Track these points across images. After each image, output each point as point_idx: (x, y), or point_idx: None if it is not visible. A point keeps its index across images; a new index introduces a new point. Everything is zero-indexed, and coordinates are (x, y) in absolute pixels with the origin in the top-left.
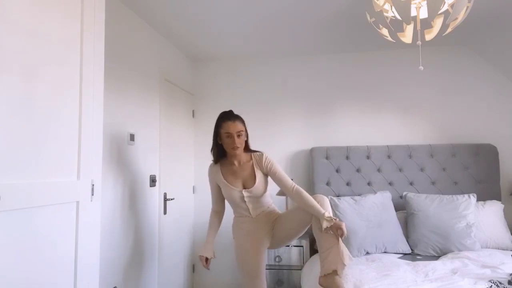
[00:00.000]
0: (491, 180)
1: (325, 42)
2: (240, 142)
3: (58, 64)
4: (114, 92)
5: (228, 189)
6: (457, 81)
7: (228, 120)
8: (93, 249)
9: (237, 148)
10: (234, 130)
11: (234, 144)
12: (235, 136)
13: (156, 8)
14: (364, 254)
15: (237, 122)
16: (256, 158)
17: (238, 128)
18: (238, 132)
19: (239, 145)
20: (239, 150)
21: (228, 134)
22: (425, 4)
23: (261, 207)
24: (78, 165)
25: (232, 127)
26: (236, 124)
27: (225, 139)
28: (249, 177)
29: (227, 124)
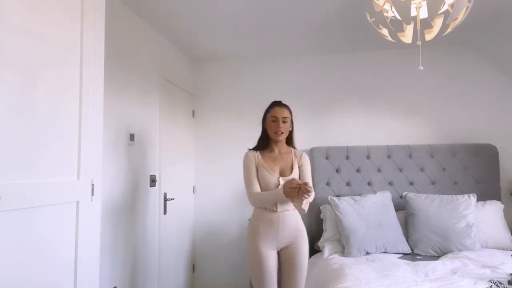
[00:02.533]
0: (491, 180)
1: (325, 42)
2: (284, 128)
3: (58, 65)
4: (114, 92)
5: (266, 173)
6: (457, 81)
7: (276, 106)
8: (93, 249)
9: (280, 133)
10: (280, 115)
11: (278, 128)
12: (280, 121)
13: (156, 8)
14: (364, 254)
15: (284, 108)
16: (295, 152)
17: (284, 114)
18: (283, 117)
19: (283, 131)
20: (282, 136)
21: (274, 118)
22: (425, 4)
23: (288, 204)
24: (78, 165)
25: (279, 112)
26: (283, 110)
27: (270, 123)
28: (287, 166)
29: (274, 109)
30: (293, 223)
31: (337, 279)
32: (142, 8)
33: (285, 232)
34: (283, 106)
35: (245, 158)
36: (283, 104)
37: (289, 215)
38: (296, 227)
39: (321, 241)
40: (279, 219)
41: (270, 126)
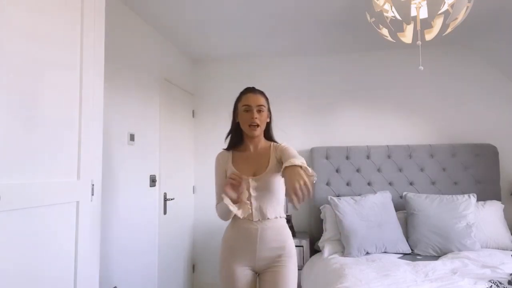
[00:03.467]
0: (491, 180)
1: (325, 42)
2: (260, 119)
3: (58, 65)
4: (114, 92)
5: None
6: (457, 81)
7: (249, 92)
8: (93, 249)
9: (256, 126)
10: (254, 103)
11: (252, 120)
12: (255, 110)
13: (156, 8)
14: (364, 254)
15: (258, 95)
16: (275, 146)
17: (259, 101)
18: (258, 106)
19: (259, 122)
20: (258, 130)
21: (247, 106)
22: (425, 4)
23: (267, 211)
24: (78, 165)
25: (252, 99)
26: (257, 97)
27: (242, 114)
28: (263, 164)
29: (246, 96)
30: (276, 238)
31: (337, 279)
32: (142, 8)
33: (266, 250)
34: (257, 91)
35: (215, 162)
36: (256, 89)
37: (271, 227)
38: (281, 242)
39: (321, 241)
40: (257, 232)
41: (243, 117)
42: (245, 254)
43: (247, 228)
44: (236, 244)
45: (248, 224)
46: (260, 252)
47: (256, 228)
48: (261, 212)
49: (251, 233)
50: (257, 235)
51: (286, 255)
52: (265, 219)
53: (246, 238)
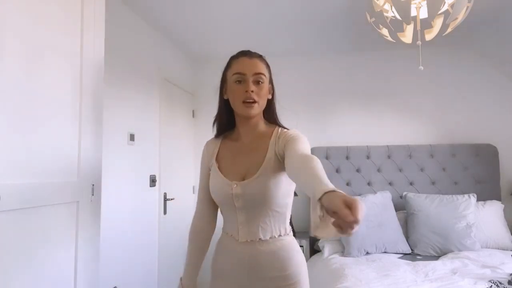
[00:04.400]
0: (491, 180)
1: (325, 42)
2: (259, 93)
3: (58, 64)
4: (114, 92)
5: (214, 177)
6: (457, 81)
7: (243, 56)
8: (93, 249)
9: (252, 101)
10: (249, 70)
11: (247, 94)
12: (250, 81)
13: (156, 8)
14: (364, 254)
15: (256, 59)
16: (279, 132)
17: (257, 67)
18: (256, 74)
19: (256, 98)
20: (254, 109)
21: (239, 75)
22: (425, 4)
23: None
24: (78, 165)
25: (247, 65)
26: (254, 62)
27: (233, 87)
28: (256, 162)
29: (238, 61)
30: (277, 266)
31: (337, 279)
32: (142, 8)
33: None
34: (254, 55)
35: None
36: (253, 53)
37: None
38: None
39: (321, 241)
40: (245, 260)
41: (234, 91)
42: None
43: (233, 251)
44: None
45: (234, 245)
46: (255, 285)
47: (243, 253)
48: (250, 231)
49: (238, 261)
50: (245, 263)
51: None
52: (257, 241)
53: (233, 265)
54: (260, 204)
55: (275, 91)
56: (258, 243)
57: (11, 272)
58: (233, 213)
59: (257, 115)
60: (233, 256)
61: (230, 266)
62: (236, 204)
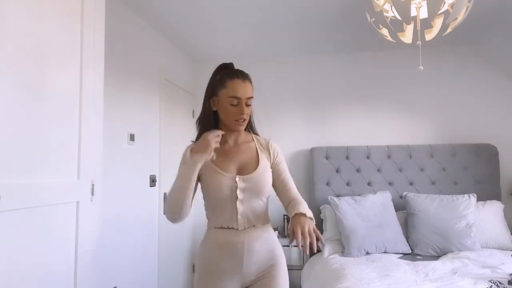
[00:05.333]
0: (491, 180)
1: (325, 42)
2: (248, 113)
3: (58, 65)
4: (114, 92)
5: (214, 175)
6: (457, 81)
7: (237, 78)
8: (93, 249)
9: (244, 121)
10: (244, 95)
11: (241, 115)
12: (244, 104)
13: (156, 8)
14: (364, 254)
15: (248, 83)
16: (259, 140)
17: (249, 92)
18: (248, 98)
19: (246, 117)
20: (244, 125)
21: (235, 99)
22: (425, 4)
23: (254, 217)
24: (78, 165)
25: (242, 90)
26: (246, 86)
27: (227, 107)
28: (250, 161)
29: (234, 84)
30: (266, 248)
31: (337, 279)
32: (142, 8)
33: (254, 263)
34: (246, 78)
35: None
36: (245, 74)
37: (259, 237)
38: (271, 252)
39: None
40: (244, 246)
41: (227, 111)
42: (229, 274)
43: (229, 242)
44: (218, 266)
45: (231, 235)
46: (248, 268)
47: (241, 240)
48: (248, 219)
49: (236, 248)
50: (244, 249)
51: (277, 264)
52: (251, 227)
53: (230, 255)
54: (257, 194)
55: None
56: (253, 229)
57: (11, 272)
58: (233, 205)
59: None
60: (230, 245)
61: (228, 255)
62: (238, 196)
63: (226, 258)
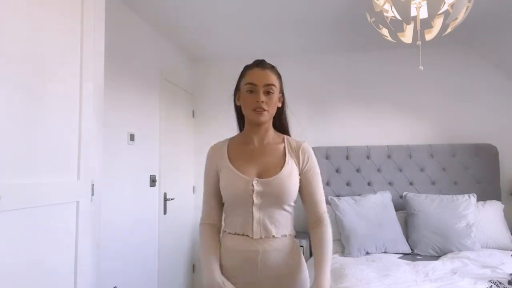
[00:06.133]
0: (491, 180)
1: (325, 42)
2: (268, 102)
3: (58, 64)
4: (114, 92)
5: (231, 176)
6: (457, 81)
7: (256, 67)
8: (93, 249)
9: (262, 110)
10: (260, 81)
11: (257, 104)
12: (261, 92)
13: (156, 8)
14: (364, 254)
15: (268, 71)
16: (291, 143)
17: (269, 79)
18: (267, 86)
19: (266, 107)
20: (264, 116)
21: (251, 86)
22: (425, 4)
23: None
24: (78, 165)
25: (259, 76)
26: (266, 73)
27: (245, 96)
28: (274, 163)
29: (251, 72)
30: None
31: (337, 279)
32: (142, 8)
33: (269, 278)
34: (267, 66)
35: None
36: (266, 63)
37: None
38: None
39: None
40: (258, 256)
41: (246, 100)
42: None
43: (242, 250)
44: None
45: (245, 243)
46: (265, 281)
47: (256, 250)
48: (265, 228)
49: (249, 257)
50: (258, 259)
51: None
52: (270, 237)
53: (241, 264)
54: (277, 201)
55: (286, 100)
56: (271, 240)
57: (11, 272)
58: (248, 210)
59: (267, 122)
60: (244, 254)
61: (239, 265)
62: (255, 200)
63: (237, 267)
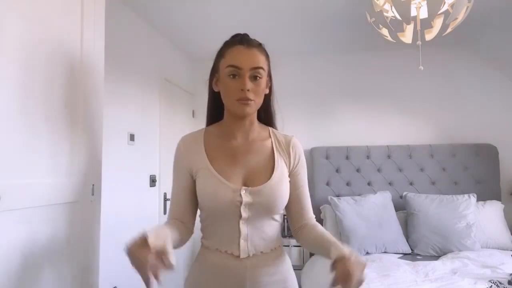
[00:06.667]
0: (491, 180)
1: (325, 42)
2: (256, 90)
3: (57, 64)
4: (114, 92)
5: (212, 182)
6: (457, 81)
7: (239, 44)
8: (93, 249)
9: (247, 100)
10: (247, 64)
11: (242, 93)
12: (247, 76)
13: (156, 8)
14: (364, 254)
15: (254, 49)
16: (278, 138)
17: (256, 61)
18: (254, 69)
19: (252, 96)
20: (251, 107)
21: (234, 69)
22: (425, 4)
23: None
24: (78, 165)
25: (244, 58)
26: (252, 53)
27: (226, 81)
28: (262, 166)
29: (234, 51)
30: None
31: None
32: (142, 8)
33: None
34: (252, 44)
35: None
36: (251, 40)
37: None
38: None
39: None
40: (246, 270)
41: (227, 86)
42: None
43: (227, 268)
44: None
45: (230, 261)
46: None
47: (244, 266)
48: (254, 245)
49: (236, 276)
50: (245, 277)
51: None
52: (258, 254)
53: (226, 282)
54: (269, 212)
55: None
56: (260, 256)
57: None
58: (234, 225)
59: (253, 113)
60: (229, 275)
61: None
62: (243, 213)
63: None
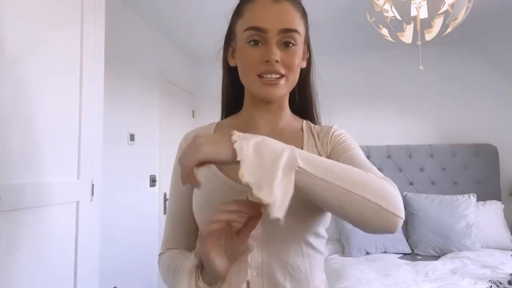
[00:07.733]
0: (491, 180)
1: (325, 42)
2: (287, 61)
3: (58, 64)
4: (114, 92)
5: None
6: (457, 81)
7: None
8: (93, 249)
9: (275, 73)
10: (273, 24)
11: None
12: (274, 43)
13: (156, 8)
14: (364, 254)
15: (285, 4)
16: (311, 129)
17: (287, 20)
18: (284, 31)
19: (282, 71)
20: (280, 87)
21: (257, 32)
22: (425, 4)
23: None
24: (78, 165)
25: (271, 15)
26: (283, 9)
27: (245, 50)
28: None
29: (255, 6)
30: None
31: (337, 279)
32: (142, 8)
33: None
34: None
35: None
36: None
37: None
38: None
39: None
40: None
41: (247, 58)
42: None
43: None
44: None
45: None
46: None
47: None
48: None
49: None
50: None
51: None
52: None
53: None
54: (296, 229)
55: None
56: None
57: (11, 272)
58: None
59: (283, 97)
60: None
61: None
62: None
63: None
